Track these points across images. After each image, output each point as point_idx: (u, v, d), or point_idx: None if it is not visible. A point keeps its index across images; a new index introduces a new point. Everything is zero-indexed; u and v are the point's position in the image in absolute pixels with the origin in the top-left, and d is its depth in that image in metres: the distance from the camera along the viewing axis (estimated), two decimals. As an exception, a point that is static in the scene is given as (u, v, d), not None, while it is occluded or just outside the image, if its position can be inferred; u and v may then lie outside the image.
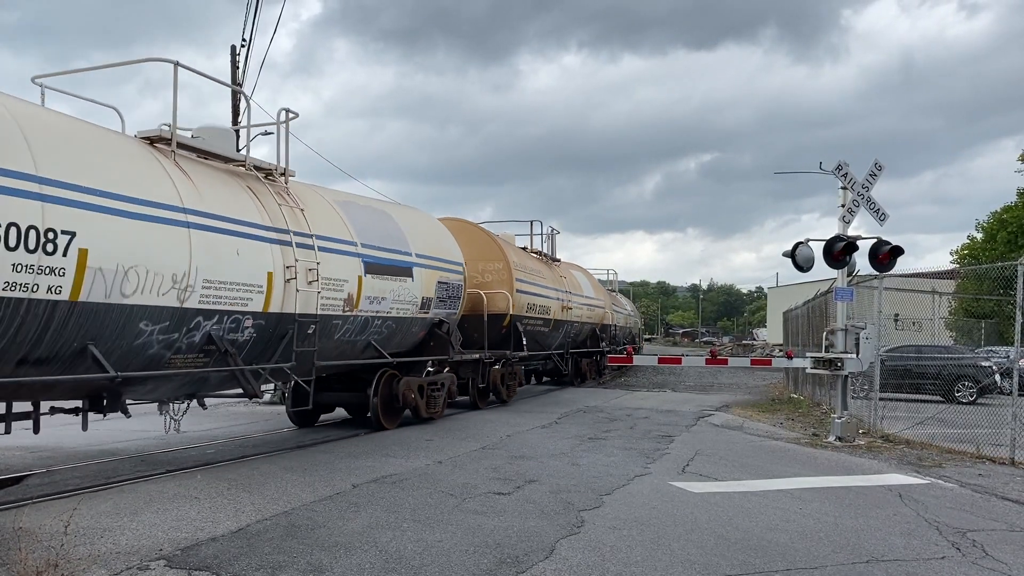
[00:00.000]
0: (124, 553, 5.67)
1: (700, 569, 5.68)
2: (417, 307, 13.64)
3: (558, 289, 22.33)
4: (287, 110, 10.89)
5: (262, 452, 10.63)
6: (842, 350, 12.96)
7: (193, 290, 8.56)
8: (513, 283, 18.51)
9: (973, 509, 8.00)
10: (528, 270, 19.96)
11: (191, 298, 8.55)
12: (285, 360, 10.20)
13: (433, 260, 14.23)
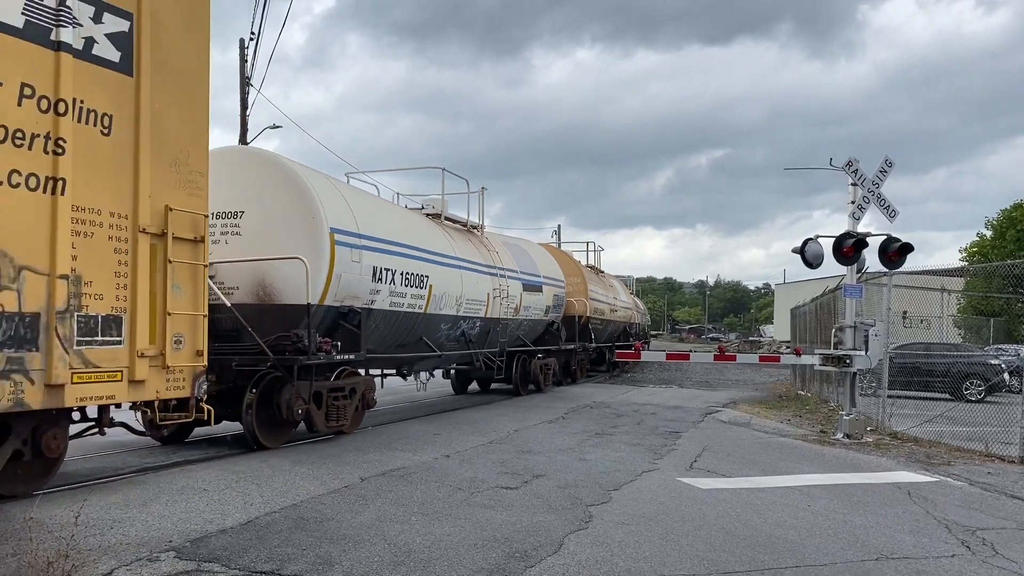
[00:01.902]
0: (134, 544, 5.69)
1: (709, 565, 5.68)
2: (543, 313, 20.04)
3: (608, 295, 28.21)
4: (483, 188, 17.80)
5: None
6: (851, 347, 12.92)
7: (460, 305, 14.89)
8: (588, 292, 24.32)
9: (983, 507, 7.97)
10: (593, 281, 25.86)
11: (459, 310, 14.91)
12: (492, 346, 17.11)
13: (550, 279, 20.51)
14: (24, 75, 6.46)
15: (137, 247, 7.35)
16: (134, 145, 7.36)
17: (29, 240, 6.43)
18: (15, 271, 6.32)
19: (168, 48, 7.73)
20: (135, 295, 7.32)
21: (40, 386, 6.48)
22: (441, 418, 14.14)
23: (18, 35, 6.42)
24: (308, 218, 10.58)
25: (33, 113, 6.52)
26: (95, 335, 6.96)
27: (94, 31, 7.05)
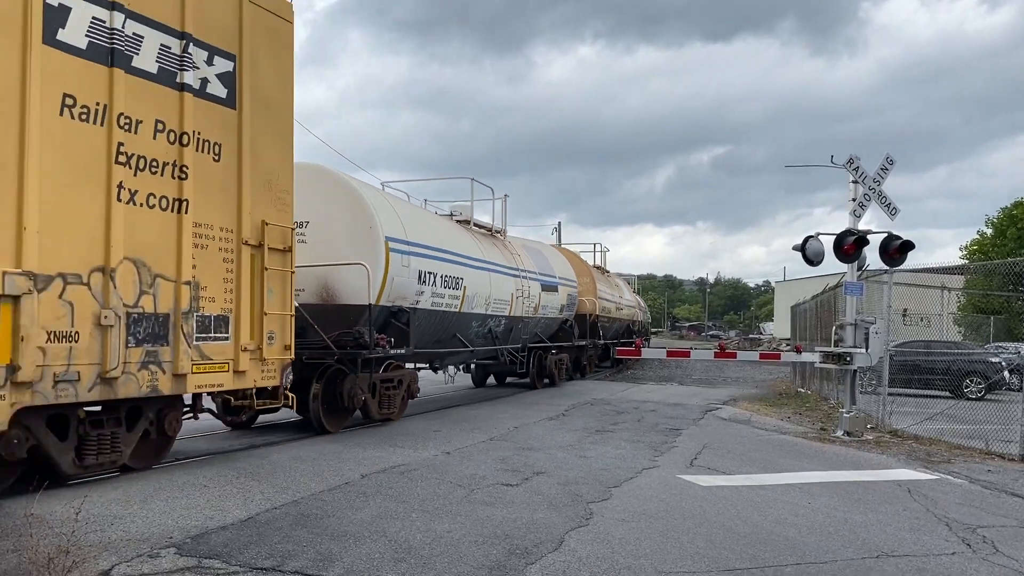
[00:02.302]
0: (134, 540, 5.69)
1: (709, 562, 5.68)
2: (558, 311, 21.37)
3: (614, 294, 29.49)
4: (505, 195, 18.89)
5: (271, 442, 10.65)
6: (851, 345, 12.92)
7: (489, 304, 16.16)
8: (597, 291, 25.61)
9: (983, 505, 7.97)
10: (600, 281, 27.07)
11: (488, 309, 16.14)
12: (515, 343, 18.63)
13: (564, 280, 21.80)
14: (157, 113, 7.69)
15: (240, 257, 8.63)
16: (237, 169, 8.63)
17: (161, 252, 7.69)
18: (151, 278, 7.58)
19: (261, 83, 8.99)
20: (239, 298, 8.60)
21: (169, 375, 7.76)
22: (442, 415, 14.14)
23: (153, 79, 7.67)
24: (366, 228, 11.85)
25: (164, 145, 7.75)
26: (209, 332, 8.25)
27: (207, 72, 8.28)
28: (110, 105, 7.22)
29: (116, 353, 7.16)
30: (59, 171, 6.79)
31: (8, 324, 6.29)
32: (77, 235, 6.93)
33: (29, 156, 6.52)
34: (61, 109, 6.84)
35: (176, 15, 7.91)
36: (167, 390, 7.77)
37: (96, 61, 7.13)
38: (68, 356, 6.77)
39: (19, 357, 6.32)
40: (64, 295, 6.78)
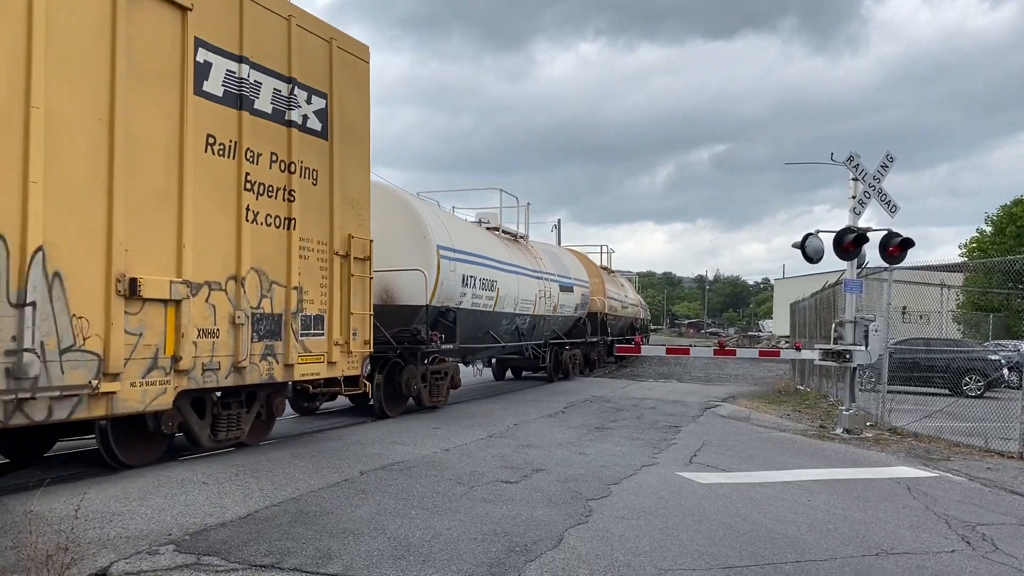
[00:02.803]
0: (133, 537, 5.68)
1: (709, 560, 5.68)
2: (574, 310, 22.91)
3: (620, 293, 30.91)
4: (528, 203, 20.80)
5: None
6: (851, 342, 12.91)
7: (516, 304, 17.69)
8: (606, 291, 27.13)
9: (982, 503, 7.97)
10: (608, 281, 28.49)
11: (515, 308, 17.74)
12: (537, 339, 20.26)
13: (578, 281, 23.40)
14: (272, 146, 9.17)
15: (332, 265, 10.16)
16: (329, 191, 10.15)
17: (276, 263, 9.19)
18: (269, 285, 9.06)
19: (347, 117, 10.48)
20: (332, 300, 10.14)
21: (281, 365, 9.27)
22: (440, 412, 14.13)
23: (268, 118, 9.12)
24: (421, 238, 13.59)
25: (277, 173, 9.24)
26: (310, 329, 9.77)
27: (307, 109, 9.79)
28: (239, 142, 8.69)
29: (245, 347, 8.66)
30: (205, 198, 8.20)
31: (172, 323, 7.75)
32: (217, 250, 8.37)
33: (186, 187, 7.94)
34: (206, 147, 8.25)
35: (285, 63, 9.39)
36: (280, 378, 9.32)
37: (229, 106, 8.58)
38: (212, 349, 8.27)
39: (180, 350, 7.78)
40: (209, 299, 8.22)
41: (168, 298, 7.63)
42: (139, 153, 7.47)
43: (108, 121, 7.16)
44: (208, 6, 8.27)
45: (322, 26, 10.12)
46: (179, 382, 7.84)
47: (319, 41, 10.02)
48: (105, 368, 7.02)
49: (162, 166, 7.73)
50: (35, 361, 6.39)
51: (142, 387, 7.45)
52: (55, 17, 6.68)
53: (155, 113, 7.68)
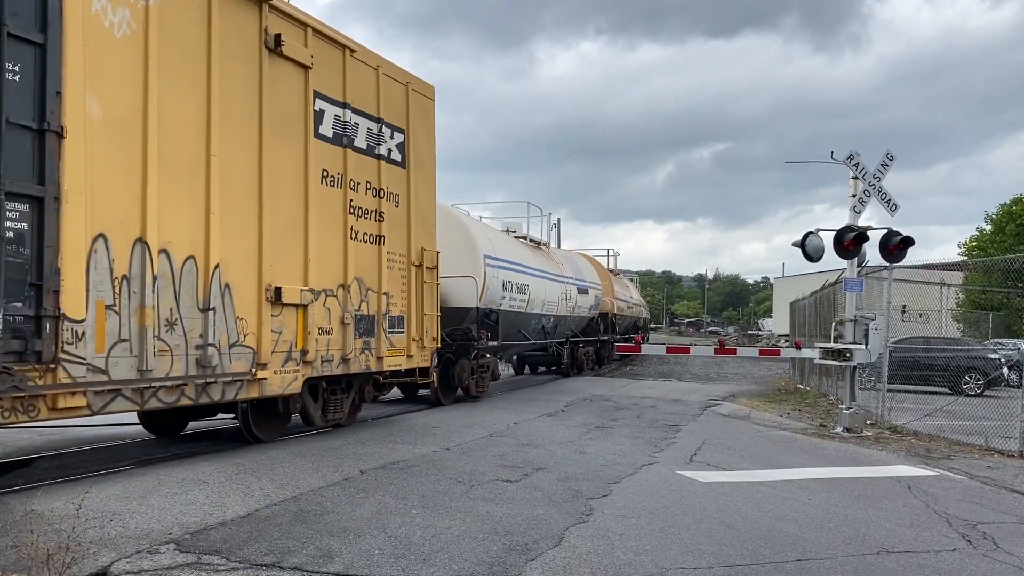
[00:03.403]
0: (134, 537, 5.68)
1: (710, 558, 5.67)
2: (588, 311, 24.84)
3: (625, 294, 32.74)
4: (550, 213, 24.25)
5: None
6: (851, 341, 12.91)
7: (543, 305, 19.71)
8: (614, 292, 29.07)
9: (983, 501, 7.97)
10: (616, 283, 30.36)
11: (542, 309, 19.73)
12: (559, 337, 22.45)
13: (592, 283, 25.31)
14: (367, 176, 10.97)
15: (410, 273, 11.98)
16: (407, 211, 11.96)
17: (370, 273, 11.00)
18: (366, 291, 10.85)
19: (418, 147, 12.27)
20: (410, 303, 11.95)
21: (375, 357, 11.08)
22: (441, 411, 14.13)
23: (364, 153, 10.92)
24: (471, 249, 15.68)
25: (370, 198, 11.07)
26: (394, 328, 11.57)
27: (391, 144, 11.58)
28: (344, 174, 10.46)
29: (350, 342, 10.44)
30: (322, 221, 9.94)
31: (301, 323, 9.54)
32: (331, 263, 10.15)
33: (309, 212, 9.69)
34: (321, 179, 10.01)
35: (375, 106, 11.17)
36: (374, 368, 11.11)
37: (336, 144, 10.36)
38: (327, 344, 10.02)
39: (307, 344, 9.59)
40: (325, 304, 9.98)
41: (299, 303, 9.44)
42: (278, 187, 9.17)
43: (258, 163, 8.88)
44: (322, 63, 10.00)
45: (401, 72, 11.94)
46: (305, 371, 9.67)
47: (398, 85, 11.84)
48: (258, 359, 8.80)
49: (293, 196, 9.49)
50: (215, 353, 8.16)
51: (281, 375, 9.25)
52: (224, 84, 8.34)
53: (287, 154, 9.42)
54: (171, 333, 7.67)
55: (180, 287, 7.81)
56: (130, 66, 7.34)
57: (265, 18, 8.97)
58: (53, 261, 6.52)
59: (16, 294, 6.26)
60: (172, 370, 7.68)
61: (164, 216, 7.60)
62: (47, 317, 6.44)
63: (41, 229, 6.46)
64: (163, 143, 7.60)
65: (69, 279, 6.65)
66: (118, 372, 7.13)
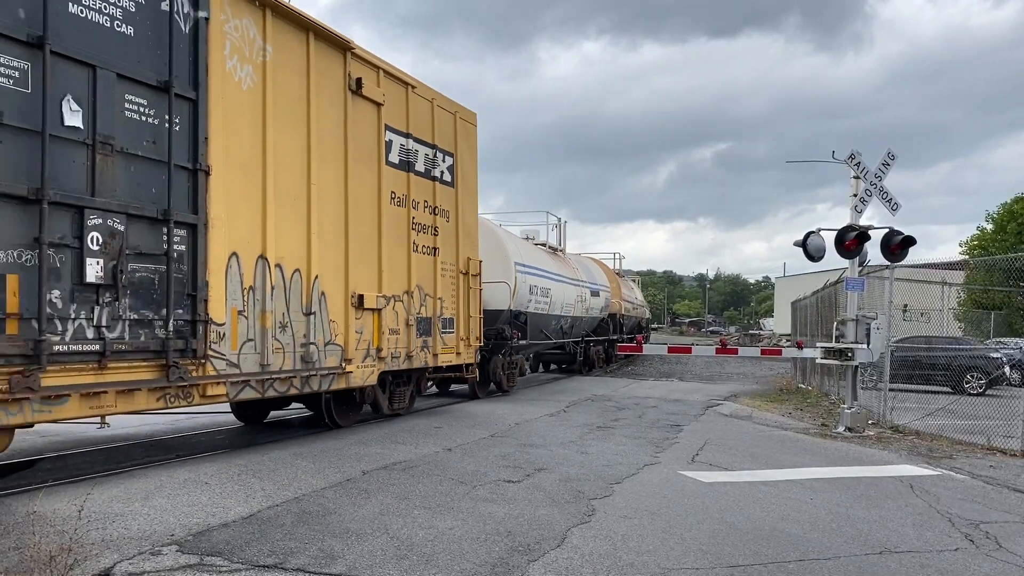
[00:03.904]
0: (136, 538, 5.68)
1: (712, 558, 5.67)
2: (599, 312, 26.24)
3: (631, 295, 34.09)
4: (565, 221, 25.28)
5: (271, 439, 10.65)
6: (853, 340, 12.90)
7: (562, 308, 21.16)
8: (621, 294, 30.72)
9: (985, 501, 7.96)
10: (622, 285, 32.04)
11: (561, 311, 21.16)
12: (575, 337, 24.14)
13: (602, 286, 26.79)
14: (424, 196, 12.55)
15: (458, 280, 13.69)
16: (456, 226, 13.61)
17: (428, 280, 12.59)
18: (424, 296, 12.42)
19: (464, 168, 13.95)
20: (458, 306, 13.68)
21: (431, 354, 12.71)
22: (442, 412, 14.13)
23: (422, 176, 12.48)
24: (504, 257, 17.29)
25: (427, 215, 12.64)
26: (446, 328, 13.22)
27: (443, 166, 13.18)
28: (407, 195, 12.01)
29: (413, 341, 12.07)
30: (391, 237, 11.50)
31: (377, 325, 11.11)
32: (398, 273, 11.72)
33: (382, 229, 11.27)
34: (390, 200, 11.55)
35: (430, 134, 12.72)
36: (431, 364, 12.77)
37: (401, 170, 11.88)
38: (395, 342, 11.60)
39: (381, 343, 11.17)
40: (394, 308, 11.54)
41: (375, 307, 10.99)
42: (358, 208, 10.71)
43: (343, 189, 10.43)
44: (390, 100, 11.54)
45: (450, 103, 13.52)
46: (379, 366, 11.19)
47: (448, 114, 13.41)
48: (345, 356, 10.33)
49: (369, 216, 11.00)
50: (315, 351, 9.68)
51: (362, 369, 10.73)
52: (319, 123, 9.86)
53: (365, 180, 10.92)
54: (283, 333, 9.18)
55: (290, 295, 9.31)
56: (252, 113, 8.81)
57: (348, 64, 10.55)
58: (203, 275, 7.94)
59: (179, 303, 7.70)
60: (284, 364, 9.19)
61: (278, 236, 9.11)
62: (200, 321, 7.88)
63: (195, 250, 7.88)
64: (276, 176, 9.11)
65: (214, 290, 8.11)
66: (247, 366, 8.61)
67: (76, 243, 6.80)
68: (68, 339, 6.71)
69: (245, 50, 8.71)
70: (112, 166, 7.15)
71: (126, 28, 7.37)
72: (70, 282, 6.77)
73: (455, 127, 13.56)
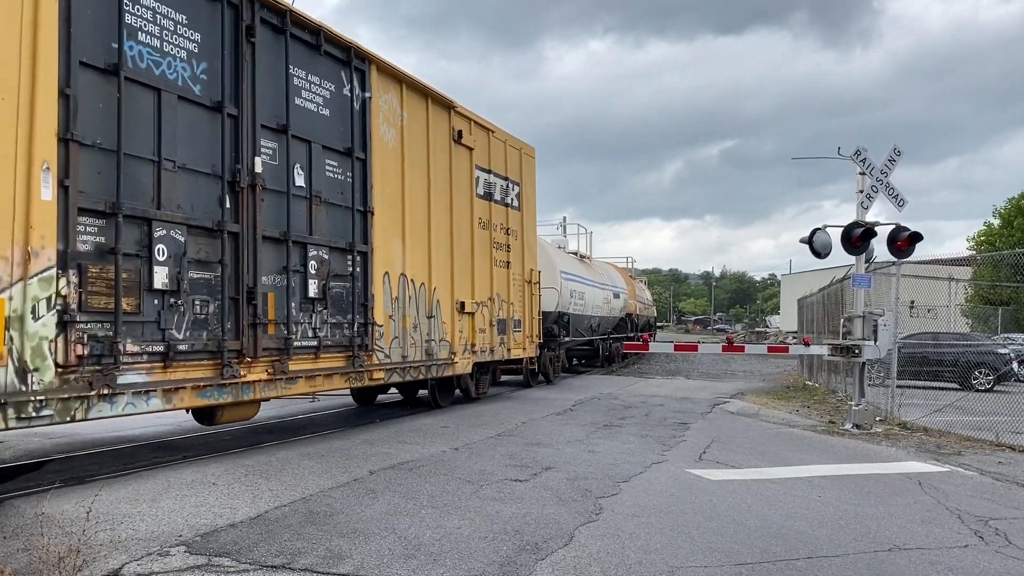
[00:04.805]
0: (144, 539, 5.69)
1: (720, 556, 5.65)
2: (619, 311, 28.94)
3: (642, 296, 36.62)
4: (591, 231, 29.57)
5: (277, 439, 10.66)
6: (860, 337, 12.86)
7: (593, 308, 24.42)
8: (636, 295, 33.34)
9: (994, 497, 7.93)
10: (636, 287, 34.65)
11: (592, 312, 24.27)
12: (601, 334, 26.55)
13: (621, 289, 29.49)
14: (500, 220, 15.41)
15: (524, 288, 16.59)
16: (521, 242, 16.45)
17: (503, 289, 15.39)
18: (501, 302, 15.19)
19: (527, 194, 16.90)
20: (524, 309, 16.60)
21: (506, 349, 15.50)
22: (449, 411, 14.13)
23: (498, 203, 15.28)
24: (551, 267, 19.90)
25: (503, 235, 15.52)
26: (516, 328, 16.15)
27: (512, 194, 16.13)
28: (490, 220, 14.87)
29: (495, 338, 14.90)
30: (479, 254, 14.33)
31: (471, 326, 13.90)
32: (484, 283, 14.53)
33: (475, 248, 14.15)
34: (478, 225, 14.35)
35: (504, 168, 15.68)
36: (505, 356, 15.57)
37: (485, 199, 14.71)
38: (483, 339, 14.38)
39: (474, 339, 13.97)
40: (482, 311, 14.32)
41: (471, 311, 13.83)
42: (459, 233, 13.53)
43: (449, 218, 13.20)
44: (478, 144, 14.39)
45: (517, 141, 16.44)
46: (473, 358, 14.03)
47: (515, 150, 16.31)
48: (452, 349, 13.15)
49: (465, 238, 13.77)
50: (434, 345, 12.54)
51: (463, 360, 13.62)
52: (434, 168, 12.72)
53: (462, 210, 13.72)
54: (415, 332, 12.04)
55: (418, 303, 12.16)
56: (395, 165, 11.63)
57: (451, 119, 13.44)
58: (369, 289, 10.80)
59: (357, 310, 10.52)
60: (416, 356, 12.02)
61: (411, 258, 11.96)
62: (368, 323, 10.73)
63: (365, 271, 10.73)
64: (409, 211, 11.93)
65: (375, 300, 10.93)
66: (394, 357, 11.44)
67: (303, 269, 9.55)
68: (299, 337, 9.41)
69: (391, 117, 11.56)
70: (320, 212, 9.94)
71: (325, 111, 10.16)
72: (299, 297, 9.48)
73: (520, 161, 16.47)
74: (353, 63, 10.59)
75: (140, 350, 7.34)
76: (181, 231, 7.82)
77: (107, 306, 7.03)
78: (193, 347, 7.91)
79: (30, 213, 6.39)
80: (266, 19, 9.08)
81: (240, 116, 8.60)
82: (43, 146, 6.54)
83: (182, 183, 7.93)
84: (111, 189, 7.15)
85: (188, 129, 8.02)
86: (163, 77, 7.75)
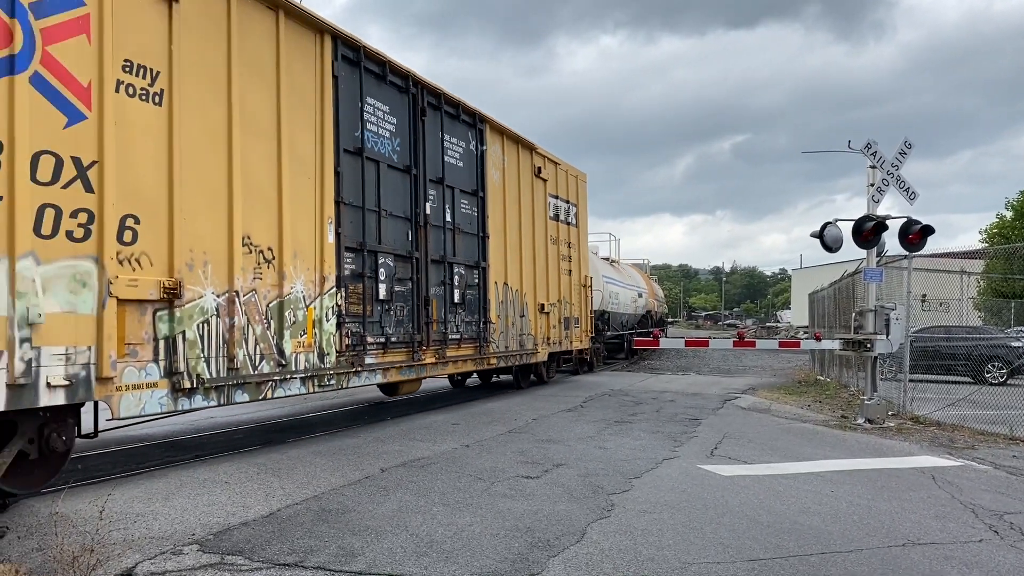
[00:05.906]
0: (157, 538, 5.71)
1: (733, 552, 5.63)
2: (642, 309, 32.24)
3: (658, 294, 39.61)
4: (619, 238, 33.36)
5: (288, 437, 10.69)
6: (871, 331, 12.79)
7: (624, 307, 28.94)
8: (654, 294, 36.54)
9: (1009, 491, 7.87)
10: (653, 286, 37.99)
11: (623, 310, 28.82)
12: (628, 329, 29.85)
13: (643, 288, 32.58)
14: (562, 235, 18.32)
15: (580, 292, 19.62)
16: (578, 253, 19.48)
17: (567, 292, 18.59)
18: (565, 304, 18.49)
19: (581, 213, 19.76)
20: (580, 309, 19.62)
21: (569, 342, 18.86)
22: (459, 408, 14.14)
23: (561, 222, 18.33)
24: (596, 272, 22.67)
25: (566, 248, 18.66)
26: (576, 325, 19.32)
27: (571, 214, 19.01)
28: (557, 236, 17.91)
29: (562, 332, 18.12)
30: (551, 264, 17.53)
31: (547, 322, 17.16)
32: (554, 288, 17.66)
33: (549, 261, 17.41)
34: (550, 241, 17.47)
35: (565, 193, 18.61)
36: (567, 347, 18.69)
37: (553, 220, 17.74)
38: (554, 334, 17.64)
39: (548, 333, 17.21)
40: (554, 311, 17.49)
41: (547, 311, 17.03)
42: (538, 247, 16.76)
43: (532, 237, 16.42)
44: (550, 177, 17.58)
45: (574, 169, 19.38)
46: (548, 348, 17.33)
47: (573, 177, 19.23)
48: (535, 341, 16.49)
49: (542, 252, 16.95)
50: (525, 339, 15.99)
51: (542, 350, 16.95)
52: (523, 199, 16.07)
53: (540, 230, 16.92)
54: (512, 328, 15.31)
55: (514, 305, 15.38)
56: (498, 198, 14.88)
57: (533, 158, 16.77)
58: (486, 295, 14.11)
59: (480, 311, 13.92)
60: (512, 347, 15.36)
61: (509, 270, 15.25)
62: (486, 321, 14.09)
63: (483, 281, 14.09)
64: (508, 233, 15.20)
65: (490, 303, 14.26)
66: (500, 348, 14.74)
67: (450, 282, 12.93)
68: (449, 332, 12.80)
69: (496, 161, 14.87)
70: (459, 239, 13.35)
71: (460, 163, 13.55)
72: (449, 302, 12.86)
73: (576, 185, 19.49)
74: (477, 125, 14.12)
75: (373, 341, 10.74)
76: (391, 258, 11.28)
77: (358, 312, 10.42)
78: (398, 339, 11.36)
79: (323, 252, 9.71)
80: (431, 102, 12.61)
81: (418, 174, 12.02)
82: (328, 207, 9.89)
83: (390, 225, 11.33)
84: (359, 232, 10.57)
85: (391, 187, 11.40)
86: (379, 152, 11.11)
